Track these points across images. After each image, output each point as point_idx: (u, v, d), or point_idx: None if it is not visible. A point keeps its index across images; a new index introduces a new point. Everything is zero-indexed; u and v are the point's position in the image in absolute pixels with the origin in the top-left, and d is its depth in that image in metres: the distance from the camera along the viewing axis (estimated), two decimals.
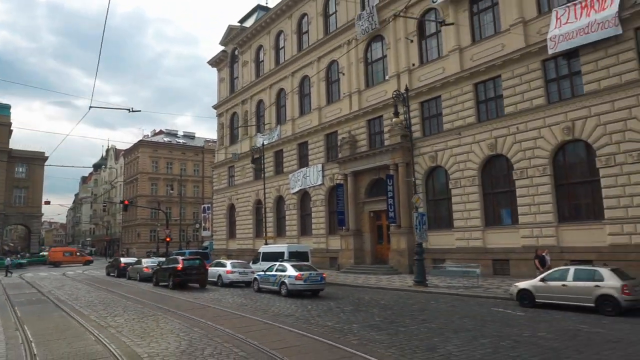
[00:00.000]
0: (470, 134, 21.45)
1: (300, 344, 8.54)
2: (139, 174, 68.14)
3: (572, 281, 11.89)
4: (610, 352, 7.68)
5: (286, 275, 16.12)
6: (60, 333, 10.05)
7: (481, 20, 22.20)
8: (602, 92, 17.03)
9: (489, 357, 7.42)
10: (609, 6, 16.79)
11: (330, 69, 31.44)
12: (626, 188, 16.13)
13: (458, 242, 21.63)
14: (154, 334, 9.70)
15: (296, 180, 32.48)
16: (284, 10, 35.79)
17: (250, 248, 36.45)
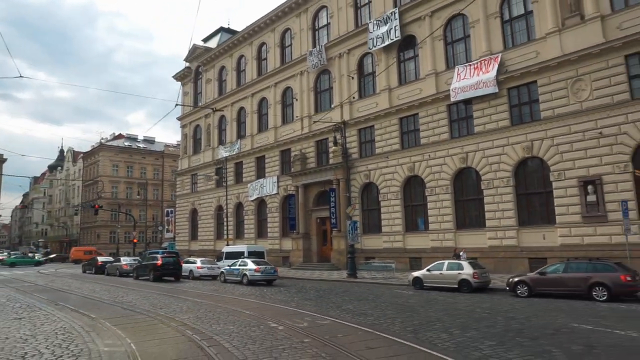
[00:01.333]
0: (395, 157, 27.01)
1: (259, 307, 13.40)
2: (99, 177, 70.19)
3: (446, 271, 17.43)
4: (441, 308, 13.00)
5: (247, 269, 20.96)
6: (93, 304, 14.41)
7: (406, 67, 27.87)
8: (485, 133, 22.99)
9: (371, 310, 12.58)
10: (490, 70, 22.77)
11: (285, 94, 36.39)
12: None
13: (384, 243, 27.12)
14: (172, 307, 14.24)
15: (254, 189, 37.15)
16: (246, 37, 40.40)
17: (211, 249, 40.64)
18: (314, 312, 12.14)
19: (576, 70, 20.15)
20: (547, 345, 8.05)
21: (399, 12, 27.40)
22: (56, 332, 9.80)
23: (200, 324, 10.42)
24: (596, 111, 19.37)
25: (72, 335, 9.41)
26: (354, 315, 11.76)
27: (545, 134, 20.90)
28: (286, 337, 8.92)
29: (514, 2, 23.18)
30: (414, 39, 27.16)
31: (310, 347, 7.97)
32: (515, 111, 22.32)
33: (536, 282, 14.73)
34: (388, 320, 10.94)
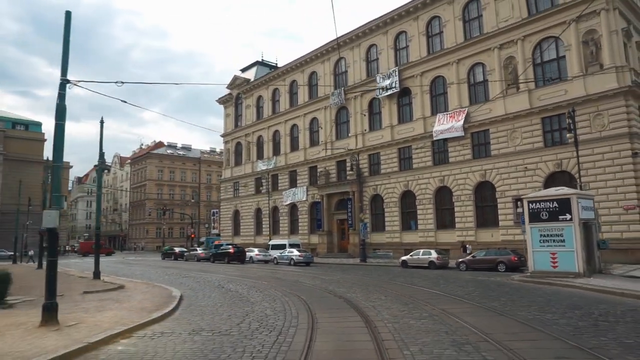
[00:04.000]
0: (395, 177, 37.36)
1: (304, 274, 23.94)
2: (147, 180, 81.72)
3: (421, 256, 27.82)
4: (416, 274, 23.29)
5: (294, 254, 31.66)
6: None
7: (403, 110, 38.18)
8: (456, 162, 33.21)
9: (370, 275, 22.97)
10: (460, 119, 32.97)
11: (312, 123, 46.91)
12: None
13: (387, 239, 37.55)
14: (260, 274, 24.85)
15: (288, 196, 47.81)
16: (279, 75, 51.00)
17: (252, 242, 51.37)
18: (336, 275, 22.70)
19: (513, 124, 30.28)
20: (459, 283, 18.36)
21: (399, 70, 37.70)
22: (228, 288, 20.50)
23: (276, 280, 21.05)
24: (523, 152, 29.51)
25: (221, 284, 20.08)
26: (359, 276, 22.26)
27: (494, 165, 31.08)
28: (317, 285, 19.47)
29: (477, 72, 33.33)
30: (410, 90, 37.42)
31: (332, 285, 18.49)
32: (475, 149, 32.53)
33: (470, 262, 25.03)
34: (382, 277, 21.42)
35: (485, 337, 7.96)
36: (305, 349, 7.42)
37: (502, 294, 14.04)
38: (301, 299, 13.40)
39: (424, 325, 9.27)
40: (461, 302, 12.57)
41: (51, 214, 9.91)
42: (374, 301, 12.86)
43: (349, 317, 10.35)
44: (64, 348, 7.56)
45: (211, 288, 17.48)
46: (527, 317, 9.92)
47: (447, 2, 35.11)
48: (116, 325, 9.52)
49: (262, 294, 15.10)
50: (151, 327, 9.73)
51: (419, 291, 15.41)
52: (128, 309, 11.96)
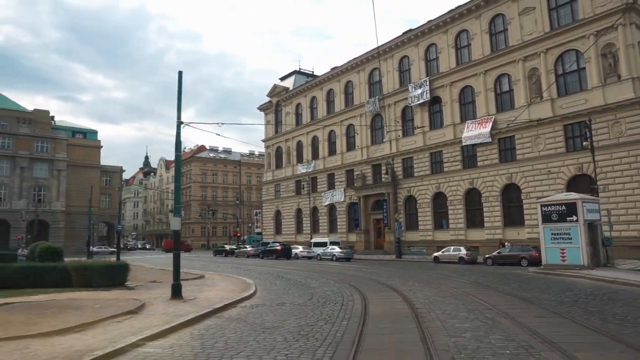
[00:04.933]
0: (427, 180, 40.32)
1: (345, 267, 27.40)
2: (192, 183, 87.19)
3: (452, 252, 30.82)
4: (447, 269, 26.34)
5: (335, 251, 35.23)
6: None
7: (434, 117, 41.06)
8: (484, 166, 35.91)
9: (407, 269, 26.21)
10: (487, 126, 35.64)
11: (349, 129, 50.30)
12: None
13: (420, 237, 40.58)
14: (310, 268, 28.54)
15: (327, 197, 51.42)
16: (317, 84, 54.65)
17: (292, 240, 55.25)
18: (375, 269, 26.07)
19: (536, 131, 32.77)
20: (482, 275, 21.41)
21: (429, 80, 40.61)
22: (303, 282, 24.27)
23: (324, 272, 24.59)
24: (547, 157, 31.99)
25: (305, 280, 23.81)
26: (396, 269, 25.54)
27: (519, 169, 33.65)
28: (361, 275, 22.87)
29: (503, 82, 35.90)
30: (440, 99, 40.28)
31: (359, 276, 21.88)
32: (502, 153, 35.15)
33: (496, 258, 27.88)
34: (415, 270, 24.65)
35: (491, 307, 11.24)
36: (363, 312, 10.92)
37: (515, 282, 17.11)
38: (351, 285, 16.91)
39: (447, 300, 12.62)
40: (479, 286, 15.78)
41: (176, 220, 13.82)
42: (409, 286, 16.22)
43: (390, 296, 13.80)
44: (198, 312, 11.31)
45: (273, 278, 21.22)
46: (527, 296, 13.08)
47: (475, 17, 37.78)
48: (222, 300, 13.28)
49: (317, 282, 18.70)
50: (245, 302, 13.43)
51: (447, 279, 18.64)
52: (221, 290, 15.79)
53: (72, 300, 12.72)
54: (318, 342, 7.97)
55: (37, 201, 66.67)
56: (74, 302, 12.47)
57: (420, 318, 9.93)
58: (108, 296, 13.80)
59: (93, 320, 9.74)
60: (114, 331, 8.92)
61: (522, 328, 8.68)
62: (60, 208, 68.10)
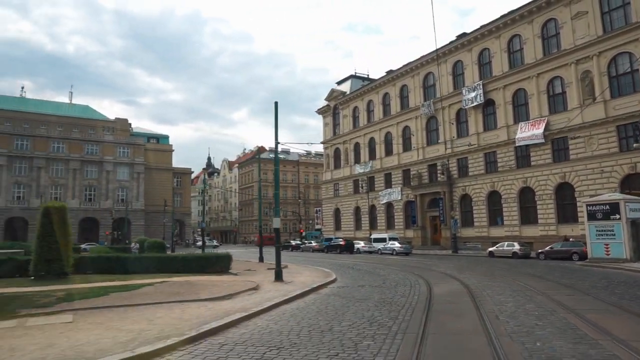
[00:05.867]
0: (481, 179, 42.37)
1: (405, 261, 30.39)
2: (254, 182, 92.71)
3: (506, 247, 33.02)
4: (501, 263, 28.74)
5: (395, 246, 38.28)
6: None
7: (488, 119, 42.97)
8: (537, 166, 37.57)
9: (462, 262, 28.85)
10: (540, 128, 37.27)
11: (404, 130, 52.97)
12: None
13: (475, 233, 42.72)
14: (376, 261, 31.88)
15: (384, 196, 54.40)
16: (373, 88, 57.64)
17: (352, 236, 58.66)
18: (434, 261, 28.91)
19: (590, 132, 34.14)
20: (532, 267, 23.85)
21: (483, 84, 42.55)
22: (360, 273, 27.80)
23: (388, 264, 27.76)
24: (600, 157, 33.34)
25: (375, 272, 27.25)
26: (453, 262, 28.26)
27: (572, 168, 35.13)
28: (421, 267, 25.85)
29: (556, 84, 37.34)
30: (493, 101, 42.15)
31: (433, 270, 24.82)
32: (555, 153, 36.69)
33: (548, 252, 29.88)
34: (471, 263, 27.29)
35: (531, 289, 14.10)
36: (428, 291, 14.15)
37: (559, 272, 19.58)
38: (414, 273, 20.08)
39: (496, 284, 15.56)
40: (526, 275, 18.46)
41: (277, 220, 17.64)
42: (466, 275, 19.18)
43: (449, 281, 16.89)
44: (302, 289, 14.94)
45: (345, 268, 24.73)
46: (565, 282, 15.73)
47: (527, 22, 39.36)
48: (314, 282, 16.90)
49: (385, 271, 22.00)
50: (332, 285, 16.97)
51: (499, 270, 21.35)
52: (308, 276, 19.48)
53: (204, 281, 16.81)
54: (399, 307, 11.32)
55: (120, 201, 74.44)
56: (206, 282, 16.54)
57: (474, 295, 13.03)
58: (226, 279, 17.83)
59: (232, 293, 13.64)
60: (251, 299, 12.72)
61: (552, 301, 11.60)
62: (140, 207, 75.45)
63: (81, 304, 11.36)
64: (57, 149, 70.17)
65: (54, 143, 70.04)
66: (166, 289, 14.48)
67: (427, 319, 9.66)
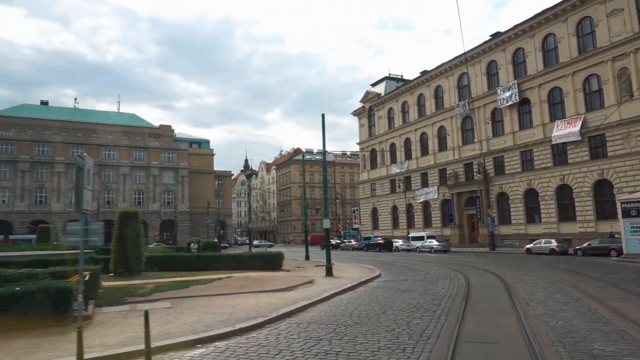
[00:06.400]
0: (518, 177, 42.97)
1: (443, 259, 31.70)
2: (291, 183, 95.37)
3: (543, 244, 33.78)
4: (537, 259, 29.62)
5: (434, 244, 39.57)
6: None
7: (523, 118, 43.50)
8: (574, 163, 37.96)
9: (501, 259, 29.91)
10: (577, 125, 37.66)
11: (440, 130, 53.92)
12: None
13: (513, 230, 43.37)
14: (417, 259, 33.39)
15: (421, 195, 55.52)
16: (407, 89, 58.80)
17: (390, 235, 60.02)
18: (471, 259, 30.10)
19: (628, 128, 34.37)
20: (567, 263, 24.82)
21: (517, 83, 43.13)
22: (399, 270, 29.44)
23: (427, 261, 29.19)
24: (639, 154, 33.56)
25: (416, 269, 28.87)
26: (489, 259, 29.38)
27: (610, 165, 35.42)
28: (459, 263, 27.15)
29: (592, 82, 37.63)
30: (528, 100, 42.67)
31: (468, 265, 26.10)
32: (593, 151, 37.01)
33: (586, 249, 30.52)
34: (507, 259, 28.37)
35: (562, 281, 15.42)
36: (467, 284, 15.69)
37: (592, 267, 20.59)
38: (453, 269, 21.56)
39: (530, 277, 16.92)
40: (560, 270, 19.63)
41: (327, 221, 19.56)
42: (502, 270, 20.51)
43: (486, 275, 18.34)
44: (352, 283, 16.76)
45: (386, 265, 26.38)
46: (596, 276, 16.90)
47: (561, 21, 39.74)
48: (360, 277, 18.70)
49: (425, 267, 23.55)
50: (377, 279, 18.71)
51: (534, 265, 22.52)
52: (355, 272, 21.29)
53: (263, 276, 18.91)
54: (441, 296, 12.98)
55: (166, 204, 78.53)
56: (266, 277, 18.64)
57: (508, 286, 14.51)
58: (281, 275, 19.88)
59: (292, 286, 15.63)
60: (309, 291, 14.66)
61: (580, 291, 12.97)
62: (185, 209, 79.27)
63: (171, 294, 13.61)
64: (109, 156, 74.82)
65: (106, 150, 74.71)
66: (234, 282, 16.63)
67: (466, 304, 11.31)
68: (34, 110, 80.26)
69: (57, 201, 69.89)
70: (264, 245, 65.56)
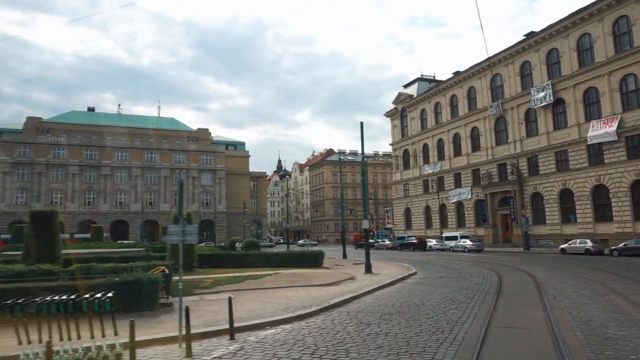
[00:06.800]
0: (553, 177, 43.07)
1: (478, 258, 32.49)
2: (324, 184, 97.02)
3: (578, 244, 34.05)
4: (571, 259, 30.08)
5: (467, 244, 40.29)
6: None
7: (558, 118, 43.55)
8: (611, 163, 37.88)
9: (534, 260, 30.50)
10: (613, 125, 37.60)
11: (473, 131, 54.31)
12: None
13: (548, 230, 43.50)
14: (450, 258, 34.36)
15: (454, 195, 56.04)
16: (440, 90, 59.37)
17: (423, 235, 60.73)
18: (505, 258, 30.78)
19: None
20: (601, 262, 25.35)
21: (552, 83, 43.23)
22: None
23: (461, 260, 30.10)
24: None
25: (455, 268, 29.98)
26: (523, 258, 30.02)
27: None
28: (492, 262, 27.97)
29: (629, 81, 37.48)
30: (563, 100, 42.72)
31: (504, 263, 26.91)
32: (630, 150, 36.89)
33: (622, 249, 30.71)
34: (540, 259, 28.98)
35: (592, 279, 16.31)
36: (499, 280, 16.79)
37: (624, 267, 21.17)
38: (486, 267, 22.55)
39: (561, 275, 17.85)
40: (592, 269, 20.36)
41: (366, 222, 20.99)
42: (534, 269, 21.38)
43: (518, 273, 19.33)
44: (391, 279, 18.08)
45: (421, 263, 27.53)
46: (627, 275, 17.64)
47: (597, 20, 39.68)
48: (398, 274, 20.00)
49: (459, 266, 24.60)
50: (413, 276, 19.96)
51: (567, 265, 23.22)
52: (392, 270, 22.60)
53: (307, 273, 20.48)
54: (475, 291, 14.18)
55: (204, 204, 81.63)
56: (310, 273, 20.21)
57: (539, 283, 15.55)
58: (324, 272, 21.43)
59: (336, 281, 17.13)
60: (352, 285, 16.11)
61: (606, 288, 13.91)
62: (223, 209, 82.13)
63: (230, 287, 15.35)
64: (151, 159, 78.44)
65: (148, 154, 78.35)
66: (283, 278, 18.27)
67: (497, 298, 12.53)
68: (81, 116, 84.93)
69: (104, 202, 73.88)
70: (309, 244, 67.79)
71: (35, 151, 71.14)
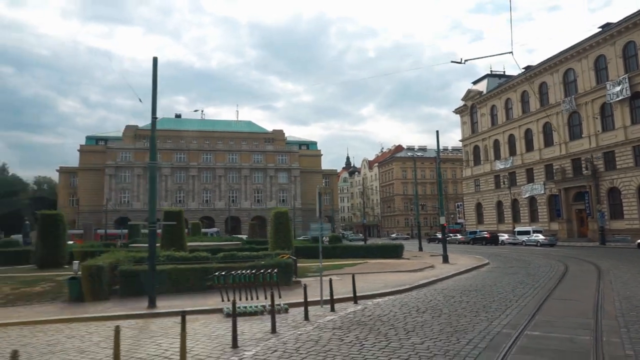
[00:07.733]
0: (631, 172, 42.90)
1: (548, 252, 33.95)
2: (394, 180, 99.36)
3: None
4: (615, 253, 30.86)
5: (540, 238, 41.51)
6: None
7: (636, 112, 43.22)
8: None
9: (601, 253, 31.60)
10: None
11: (545, 126, 54.52)
12: None
13: (625, 225, 43.41)
14: (522, 251, 36.24)
15: (527, 190, 56.57)
16: (510, 87, 59.84)
17: (494, 229, 61.63)
18: (577, 252, 32.14)
19: None
20: None
21: (629, 77, 43.00)
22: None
23: (532, 253, 31.90)
24: None
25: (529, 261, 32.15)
26: (596, 253, 31.26)
27: None
28: (562, 255, 29.57)
29: None
30: None
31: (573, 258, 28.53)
32: None
33: None
34: (614, 254, 30.14)
35: None
36: (565, 270, 19.17)
37: None
38: (556, 260, 24.63)
39: (626, 266, 19.81)
40: None
41: (443, 218, 23.96)
42: (602, 261, 23.22)
43: (584, 264, 21.44)
44: (466, 267, 20.95)
45: (493, 256, 29.85)
46: None
47: None
48: (472, 264, 22.78)
49: (529, 258, 26.77)
50: (486, 266, 22.63)
51: (637, 258, 24.66)
52: (466, 260, 25.36)
53: (391, 262, 23.84)
54: (540, 277, 16.83)
55: (281, 202, 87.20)
56: (394, 263, 23.56)
57: (601, 271, 17.83)
58: (405, 262, 24.68)
59: (419, 268, 20.37)
60: (433, 272, 19.27)
61: None
62: (298, 206, 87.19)
63: (334, 272, 19.11)
64: (232, 160, 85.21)
65: (230, 155, 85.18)
66: (371, 266, 21.80)
67: (559, 282, 15.20)
68: (170, 122, 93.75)
69: (193, 200, 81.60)
70: (401, 238, 71.50)
71: (134, 156, 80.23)
